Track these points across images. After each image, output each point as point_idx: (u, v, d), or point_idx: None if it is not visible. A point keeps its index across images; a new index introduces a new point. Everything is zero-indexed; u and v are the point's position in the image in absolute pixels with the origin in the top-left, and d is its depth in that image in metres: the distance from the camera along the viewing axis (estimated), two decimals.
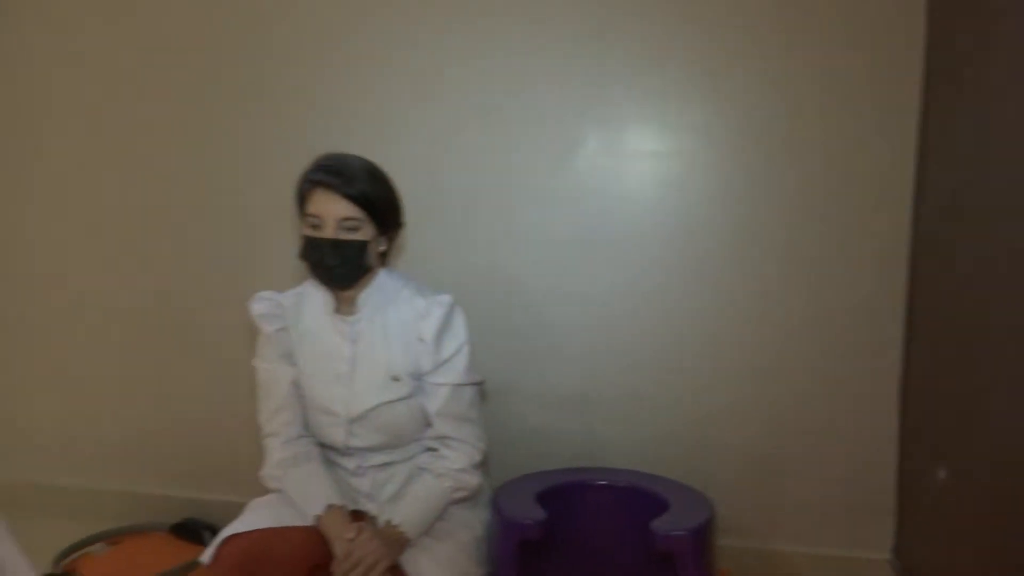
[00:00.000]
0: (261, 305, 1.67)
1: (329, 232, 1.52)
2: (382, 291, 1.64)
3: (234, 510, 1.91)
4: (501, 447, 2.02)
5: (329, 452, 1.70)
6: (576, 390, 2.12)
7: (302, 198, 1.57)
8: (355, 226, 1.53)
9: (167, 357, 2.37)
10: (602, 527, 1.88)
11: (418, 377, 1.63)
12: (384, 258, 1.66)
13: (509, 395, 2.12)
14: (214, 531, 2.24)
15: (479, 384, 1.69)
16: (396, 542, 1.54)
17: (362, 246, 1.55)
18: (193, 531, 2.27)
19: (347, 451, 1.67)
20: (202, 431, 2.37)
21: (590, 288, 2.09)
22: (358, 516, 1.62)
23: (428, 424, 1.66)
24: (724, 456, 2.08)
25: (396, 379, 1.62)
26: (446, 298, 1.63)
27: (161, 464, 2.41)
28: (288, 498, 1.62)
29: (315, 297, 1.67)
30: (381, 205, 1.56)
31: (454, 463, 1.63)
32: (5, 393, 2.47)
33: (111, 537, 2.28)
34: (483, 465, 1.70)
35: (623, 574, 1.88)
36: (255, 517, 1.58)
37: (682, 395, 2.08)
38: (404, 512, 1.57)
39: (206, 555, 1.54)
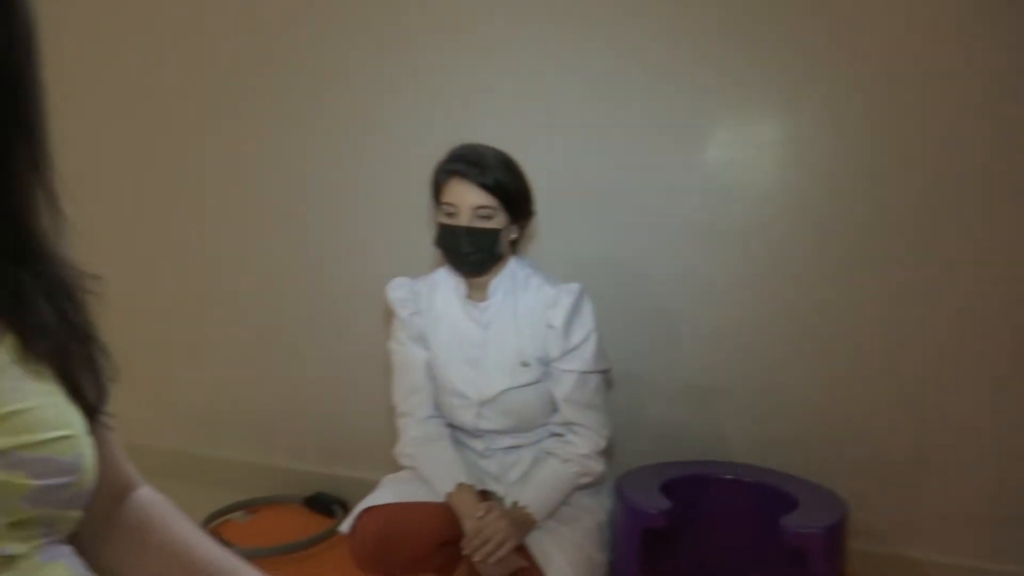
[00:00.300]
0: (397, 291, 1.74)
1: (464, 220, 1.57)
2: (513, 278, 1.68)
3: (361, 486, 2.01)
4: (622, 436, 2.02)
5: (459, 433, 1.75)
6: (701, 382, 2.10)
7: (438, 187, 1.63)
8: (489, 214, 1.58)
9: (305, 339, 2.50)
10: (727, 521, 1.85)
11: (546, 363, 1.66)
12: (515, 246, 1.70)
13: (633, 385, 2.11)
14: (343, 505, 2.37)
15: (605, 372, 1.71)
16: (523, 523, 1.58)
17: (495, 234, 1.59)
18: (324, 504, 2.39)
19: (476, 433, 1.72)
20: (335, 410, 2.49)
21: (719, 280, 2.06)
22: (485, 496, 1.67)
23: (555, 410, 1.69)
24: (858, 456, 2.00)
25: (525, 364, 1.65)
26: (575, 286, 1.65)
27: (296, 439, 2.56)
28: (420, 475, 1.69)
29: (448, 283, 1.73)
30: (514, 194, 1.60)
31: (580, 449, 1.65)
32: (160, 370, 2.67)
33: (250, 506, 2.44)
34: (607, 452, 1.71)
35: (747, 570, 1.85)
36: (390, 492, 1.66)
37: (813, 391, 2.02)
38: (531, 494, 1.61)
39: (345, 525, 1.63)
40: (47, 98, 0.68)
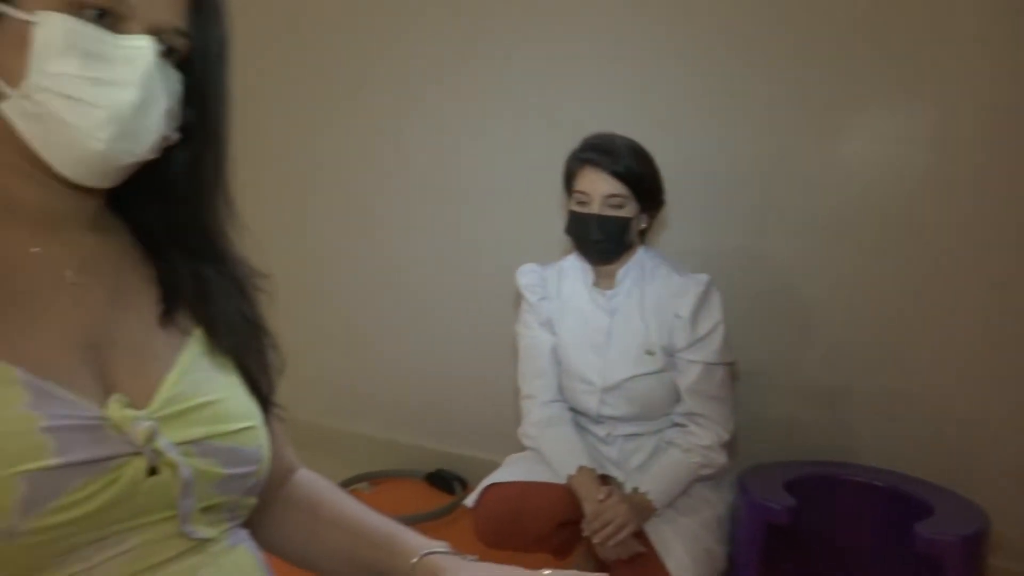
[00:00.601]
0: (525, 276, 1.79)
1: (595, 208, 1.60)
2: (640, 267, 1.69)
3: (481, 466, 2.07)
4: (746, 432, 1.99)
5: (580, 418, 1.78)
6: (830, 381, 2.03)
7: (570, 175, 1.66)
8: (620, 203, 1.60)
9: (435, 323, 2.60)
10: (853, 524, 1.80)
11: (671, 353, 1.67)
12: (644, 236, 1.71)
13: (758, 380, 2.07)
14: (463, 482, 2.45)
15: (731, 364, 1.69)
16: (643, 509, 1.59)
17: (625, 222, 1.61)
18: (444, 480, 2.48)
19: (599, 419, 1.74)
20: (460, 391, 2.57)
21: (852, 277, 1.99)
22: (605, 480, 1.70)
23: (678, 400, 1.69)
24: (1001, 467, 1.88)
25: (650, 353, 1.66)
26: (704, 277, 1.65)
27: (419, 417, 2.67)
28: (542, 457, 1.73)
29: (576, 270, 1.76)
30: (645, 183, 1.62)
31: (702, 440, 1.64)
32: (298, 347, 2.82)
33: (374, 478, 2.57)
34: (729, 445, 1.70)
35: None
36: (513, 470, 1.72)
37: (954, 396, 1.92)
38: (652, 481, 1.62)
39: (470, 499, 1.70)
40: (232, 106, 0.73)
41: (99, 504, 0.60)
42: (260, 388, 0.77)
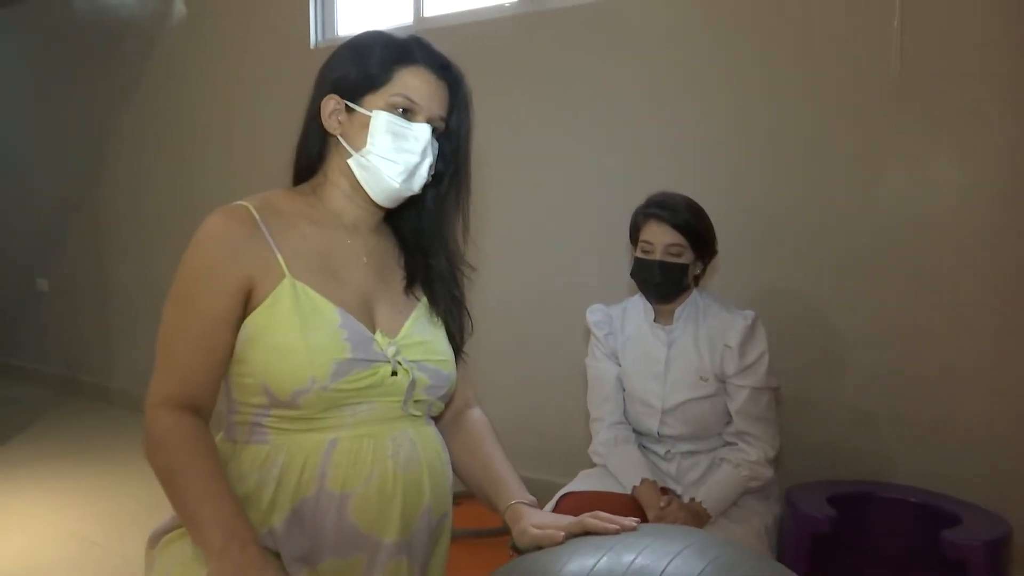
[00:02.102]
0: (594, 315, 2.07)
1: (658, 255, 1.89)
2: (695, 306, 1.96)
3: (545, 487, 2.31)
4: (790, 455, 2.20)
5: (643, 438, 2.03)
6: (870, 409, 2.22)
7: (636, 227, 1.95)
8: (679, 252, 1.88)
9: (518, 358, 2.86)
10: (889, 535, 2.00)
11: (723, 379, 1.92)
12: (698, 280, 1.99)
13: (801, 407, 2.28)
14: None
15: (775, 389, 1.94)
16: (699, 516, 1.83)
17: (683, 268, 1.89)
18: None
19: (659, 438, 1.99)
20: (531, 419, 2.83)
21: (892, 312, 2.18)
22: (664, 491, 1.94)
23: (729, 421, 1.94)
24: None
25: (704, 379, 1.92)
26: (750, 313, 1.91)
27: None
28: (609, 471, 1.99)
29: (638, 309, 2.03)
30: (701, 235, 1.90)
31: (750, 456, 1.88)
32: None
33: (456, 499, 2.81)
34: (775, 461, 1.93)
35: None
36: (585, 482, 1.98)
37: (990, 423, 2.07)
38: (707, 492, 1.86)
39: (549, 506, 1.95)
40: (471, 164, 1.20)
41: (363, 385, 1.10)
42: (455, 340, 1.24)
